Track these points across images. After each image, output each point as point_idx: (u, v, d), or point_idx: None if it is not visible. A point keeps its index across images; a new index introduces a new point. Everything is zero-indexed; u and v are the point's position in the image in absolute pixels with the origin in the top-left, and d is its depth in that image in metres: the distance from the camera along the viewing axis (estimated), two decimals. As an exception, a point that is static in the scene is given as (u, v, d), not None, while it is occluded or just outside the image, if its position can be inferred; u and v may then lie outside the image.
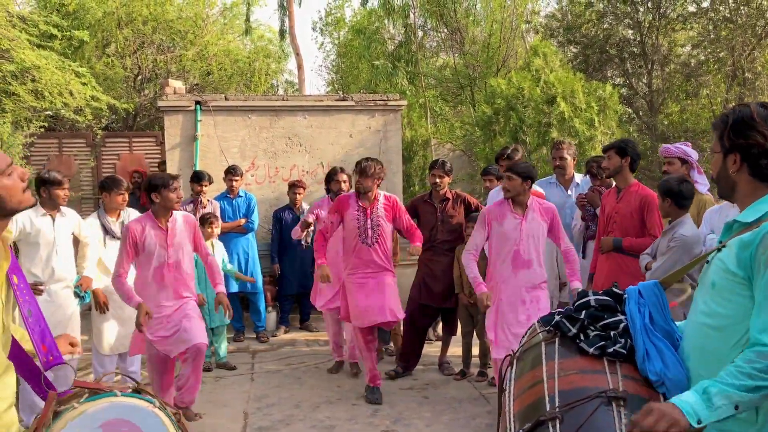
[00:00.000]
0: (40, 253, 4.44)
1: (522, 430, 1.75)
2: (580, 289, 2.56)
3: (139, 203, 7.14)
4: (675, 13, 11.17)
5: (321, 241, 4.85)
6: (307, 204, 6.90)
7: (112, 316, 4.79)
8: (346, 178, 5.83)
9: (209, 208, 6.40)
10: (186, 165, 7.37)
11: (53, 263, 4.48)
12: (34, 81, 7.38)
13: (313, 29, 25.53)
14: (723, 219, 3.92)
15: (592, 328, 1.94)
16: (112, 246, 4.76)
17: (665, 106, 11.49)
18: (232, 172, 6.75)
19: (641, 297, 1.96)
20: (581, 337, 1.93)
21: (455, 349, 5.69)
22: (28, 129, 7.58)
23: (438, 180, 5.42)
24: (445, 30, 12.87)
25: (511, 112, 8.69)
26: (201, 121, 7.56)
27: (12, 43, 7.00)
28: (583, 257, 5.25)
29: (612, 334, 1.90)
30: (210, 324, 5.58)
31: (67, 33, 8.78)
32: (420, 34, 13.20)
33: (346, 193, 5.22)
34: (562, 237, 4.44)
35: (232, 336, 6.63)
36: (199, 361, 4.25)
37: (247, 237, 6.75)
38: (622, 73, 11.80)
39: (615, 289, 2.06)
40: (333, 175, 5.91)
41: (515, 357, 2.11)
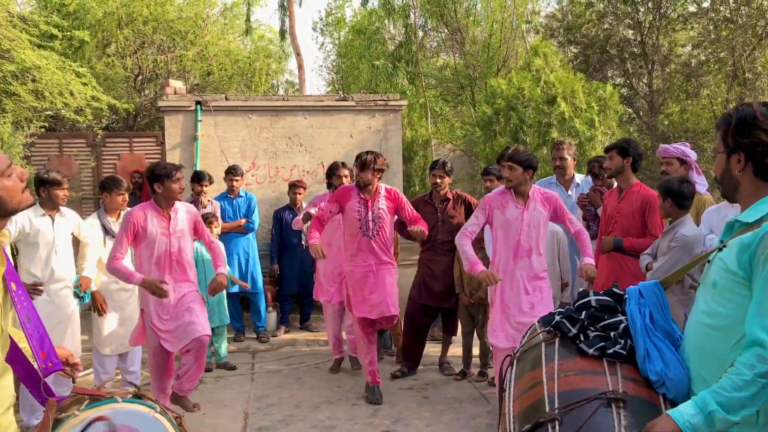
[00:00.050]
0: (40, 254, 4.44)
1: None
2: (583, 289, 2.55)
3: (140, 203, 7.13)
4: (675, 13, 11.17)
5: (316, 224, 4.77)
6: (306, 204, 6.90)
7: (112, 316, 4.79)
8: (347, 173, 5.79)
9: (210, 208, 6.40)
10: (186, 165, 7.35)
11: (52, 263, 4.47)
12: (34, 81, 7.38)
13: (313, 29, 25.61)
14: (722, 219, 3.92)
15: (592, 329, 1.94)
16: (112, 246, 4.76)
17: (666, 107, 11.48)
18: (232, 172, 6.75)
19: (642, 297, 1.96)
20: (581, 338, 1.93)
21: (455, 349, 5.69)
22: (29, 129, 7.58)
23: (438, 180, 5.42)
24: (446, 30, 12.87)
25: (511, 113, 8.69)
26: (201, 121, 7.56)
27: (12, 43, 7.00)
28: (584, 257, 5.25)
29: (612, 334, 1.90)
30: (210, 324, 5.57)
31: (68, 33, 8.77)
32: (420, 34, 13.21)
33: (348, 185, 5.21)
34: (570, 220, 4.42)
35: (233, 336, 6.63)
36: (202, 352, 4.23)
37: (248, 237, 6.75)
38: (622, 73, 11.80)
39: (615, 290, 2.06)
40: (335, 170, 5.88)
41: (515, 357, 2.11)
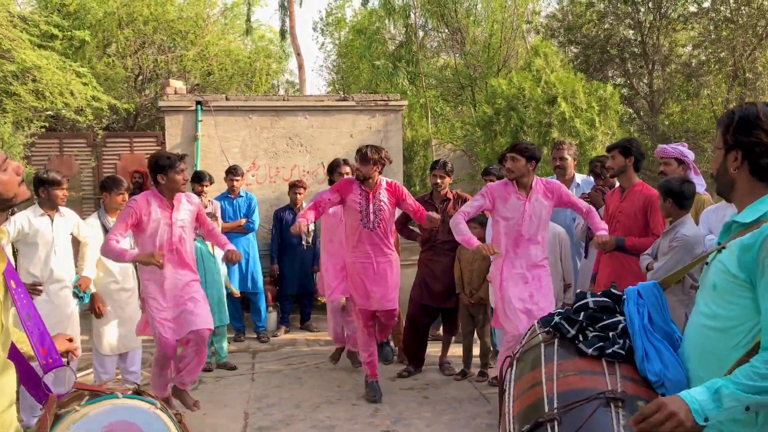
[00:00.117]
0: (39, 254, 4.44)
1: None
2: (581, 291, 2.55)
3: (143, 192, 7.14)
4: (676, 13, 11.16)
5: (313, 206, 4.76)
6: (306, 203, 6.89)
7: (112, 316, 4.80)
8: (348, 170, 5.76)
9: (210, 208, 6.40)
10: (187, 165, 7.35)
11: (52, 263, 4.48)
12: (35, 81, 7.39)
13: (313, 29, 25.60)
14: (720, 219, 3.92)
15: (590, 329, 1.94)
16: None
17: (666, 107, 11.48)
18: (233, 172, 6.76)
19: (640, 297, 1.96)
20: (580, 338, 1.93)
21: (456, 349, 5.70)
22: (29, 129, 7.59)
23: (439, 180, 5.42)
24: (446, 30, 12.87)
25: (511, 113, 8.69)
26: (202, 121, 7.56)
27: (13, 43, 7.01)
28: (585, 257, 5.25)
29: (611, 335, 1.90)
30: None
31: (68, 33, 8.78)
32: (421, 34, 13.21)
33: (349, 177, 5.19)
34: (578, 203, 4.44)
35: (233, 336, 6.64)
36: (203, 345, 4.23)
37: (248, 237, 6.75)
38: (622, 73, 11.79)
39: (614, 290, 2.06)
40: (336, 167, 5.86)
41: (515, 358, 2.11)
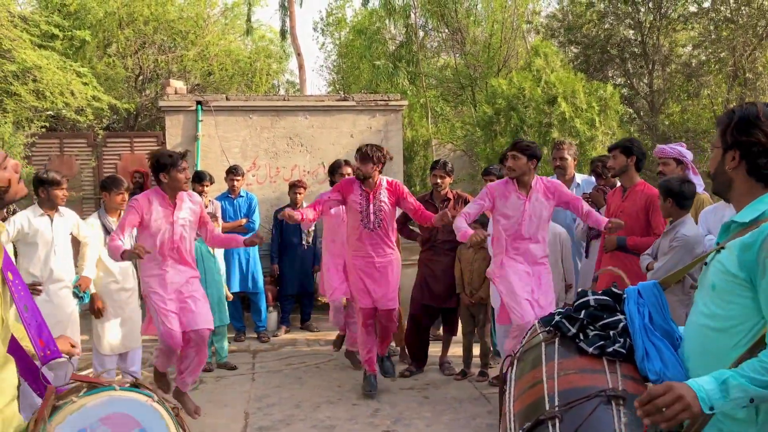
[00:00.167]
0: (39, 254, 4.44)
1: (522, 430, 1.76)
2: (582, 289, 2.56)
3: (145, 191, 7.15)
4: (676, 13, 11.17)
5: (314, 204, 4.77)
6: (307, 204, 6.89)
7: (112, 316, 4.80)
8: (350, 171, 5.76)
9: (210, 209, 6.39)
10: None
11: (51, 263, 4.48)
12: (35, 81, 7.40)
13: (314, 29, 25.60)
14: (718, 219, 3.92)
15: (591, 328, 1.95)
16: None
17: (666, 107, 11.48)
18: (233, 172, 6.76)
19: (640, 297, 1.97)
20: (581, 337, 1.94)
21: (456, 349, 5.70)
22: (30, 129, 7.60)
23: (439, 180, 5.42)
24: (446, 30, 12.87)
25: (512, 113, 8.69)
26: (202, 121, 7.56)
27: (13, 43, 7.02)
28: (587, 257, 5.25)
29: (611, 333, 1.90)
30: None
31: (69, 33, 8.79)
32: (421, 34, 13.21)
33: (350, 177, 5.21)
34: (578, 205, 4.40)
35: (233, 336, 6.64)
36: (203, 345, 4.23)
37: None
38: (623, 73, 11.80)
39: (614, 289, 2.06)
40: (337, 168, 5.87)
41: (515, 357, 2.11)
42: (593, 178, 5.42)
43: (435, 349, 5.77)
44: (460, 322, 5.57)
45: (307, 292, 7.10)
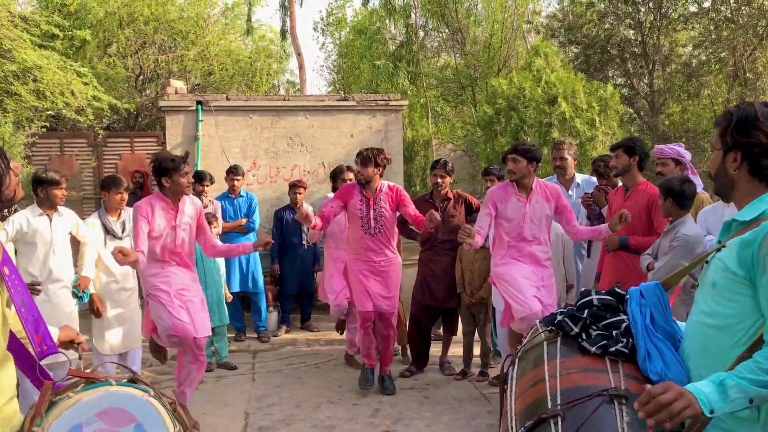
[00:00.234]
0: (38, 253, 4.44)
1: (523, 428, 1.75)
2: (586, 289, 2.56)
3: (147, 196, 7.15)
4: (676, 13, 11.17)
5: (321, 217, 4.76)
6: (307, 204, 6.90)
7: (112, 316, 4.79)
8: (352, 176, 5.79)
9: (210, 208, 6.39)
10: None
11: (50, 263, 4.47)
12: (35, 81, 7.40)
13: (314, 29, 25.59)
14: (718, 219, 3.92)
15: (594, 328, 1.94)
16: (112, 246, 4.74)
17: (666, 107, 11.48)
18: (233, 171, 6.76)
19: (642, 298, 1.96)
20: (583, 336, 1.93)
21: (456, 348, 5.69)
22: (30, 129, 7.60)
23: (439, 180, 5.42)
24: (447, 30, 12.87)
25: (512, 113, 8.69)
26: (202, 121, 7.56)
27: (14, 43, 7.02)
28: (588, 256, 5.25)
29: (614, 333, 1.90)
30: (211, 324, 5.57)
31: (69, 33, 8.79)
32: (421, 34, 13.21)
33: (351, 183, 5.21)
34: (569, 219, 4.41)
35: (233, 336, 6.63)
36: (200, 354, 4.21)
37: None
38: (623, 73, 11.80)
39: (617, 290, 2.06)
40: (339, 173, 5.91)
41: (517, 356, 2.11)
42: (593, 178, 5.42)
43: (435, 349, 5.77)
44: (460, 321, 5.57)
45: (307, 292, 7.10)
